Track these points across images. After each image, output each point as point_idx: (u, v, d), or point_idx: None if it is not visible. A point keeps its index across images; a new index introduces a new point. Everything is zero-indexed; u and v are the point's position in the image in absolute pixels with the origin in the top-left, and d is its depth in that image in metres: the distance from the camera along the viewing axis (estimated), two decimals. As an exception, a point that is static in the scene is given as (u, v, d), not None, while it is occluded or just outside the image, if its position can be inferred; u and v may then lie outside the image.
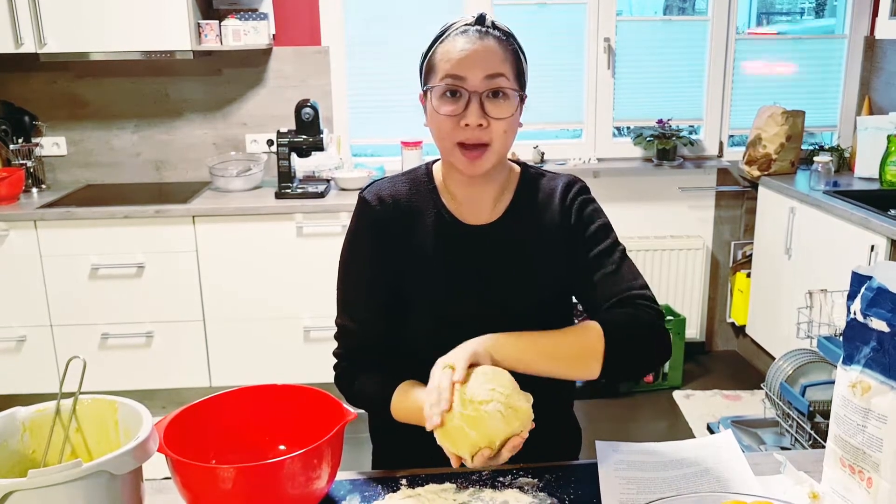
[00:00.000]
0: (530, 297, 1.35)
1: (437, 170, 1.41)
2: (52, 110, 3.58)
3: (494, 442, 1.09)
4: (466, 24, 1.27)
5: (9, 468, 1.05)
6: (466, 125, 1.24)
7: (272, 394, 1.23)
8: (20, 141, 3.46)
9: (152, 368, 3.31)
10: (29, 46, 3.12)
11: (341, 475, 1.21)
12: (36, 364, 3.24)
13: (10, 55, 3.17)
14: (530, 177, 1.41)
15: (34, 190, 3.47)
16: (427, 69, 1.30)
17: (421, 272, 1.35)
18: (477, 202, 1.37)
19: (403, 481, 1.21)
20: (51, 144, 3.60)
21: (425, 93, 1.30)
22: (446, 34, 1.28)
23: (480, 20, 1.28)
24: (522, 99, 1.30)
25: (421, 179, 1.40)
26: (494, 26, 1.29)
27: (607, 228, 1.37)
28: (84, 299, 3.21)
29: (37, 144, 3.53)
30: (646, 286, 1.31)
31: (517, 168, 1.42)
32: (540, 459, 1.26)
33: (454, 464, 1.12)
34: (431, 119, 1.29)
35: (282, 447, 1.21)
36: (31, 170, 3.47)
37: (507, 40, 1.29)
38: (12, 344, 3.22)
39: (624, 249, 1.35)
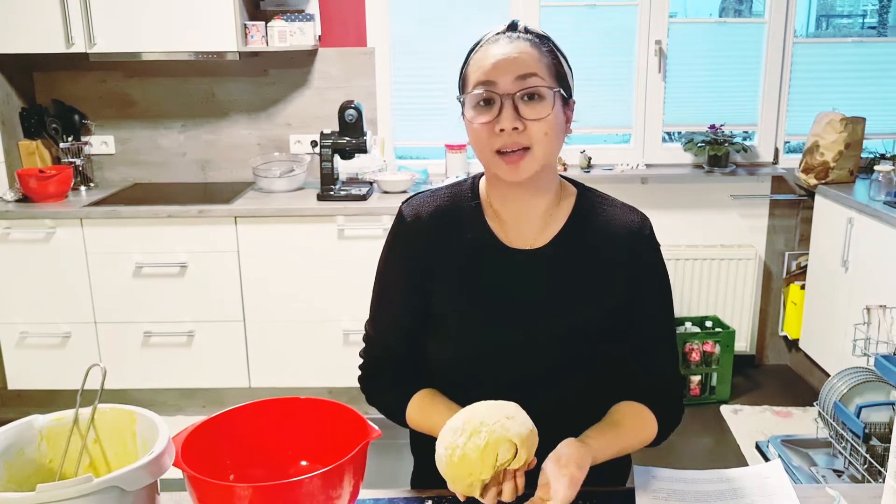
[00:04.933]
0: (565, 331, 1.26)
1: (483, 185, 1.33)
2: (101, 109, 3.62)
3: (475, 477, 1.06)
4: (498, 33, 1.23)
5: (24, 478, 1.03)
6: (501, 130, 1.16)
7: (295, 407, 1.18)
8: (70, 139, 3.51)
9: (193, 368, 3.32)
10: (79, 46, 3.16)
11: (365, 493, 1.17)
12: (80, 360, 3.26)
13: (61, 55, 3.22)
14: (589, 201, 1.31)
15: (82, 188, 3.52)
16: (462, 83, 1.25)
17: (453, 295, 1.28)
18: (524, 223, 1.28)
19: (429, 503, 1.16)
20: (99, 143, 3.64)
21: (463, 106, 1.24)
22: (478, 45, 1.23)
23: (512, 26, 1.23)
24: (565, 100, 1.22)
25: (464, 195, 1.33)
26: (527, 30, 1.23)
27: (669, 289, 1.33)
28: (128, 297, 3.24)
29: (86, 143, 3.58)
30: (679, 369, 1.37)
31: (573, 189, 1.32)
32: (587, 483, 1.20)
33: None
34: (470, 133, 1.22)
35: (304, 463, 1.17)
36: (80, 168, 3.52)
37: (541, 41, 1.22)
38: (57, 340, 3.26)
39: (674, 316, 1.35)
